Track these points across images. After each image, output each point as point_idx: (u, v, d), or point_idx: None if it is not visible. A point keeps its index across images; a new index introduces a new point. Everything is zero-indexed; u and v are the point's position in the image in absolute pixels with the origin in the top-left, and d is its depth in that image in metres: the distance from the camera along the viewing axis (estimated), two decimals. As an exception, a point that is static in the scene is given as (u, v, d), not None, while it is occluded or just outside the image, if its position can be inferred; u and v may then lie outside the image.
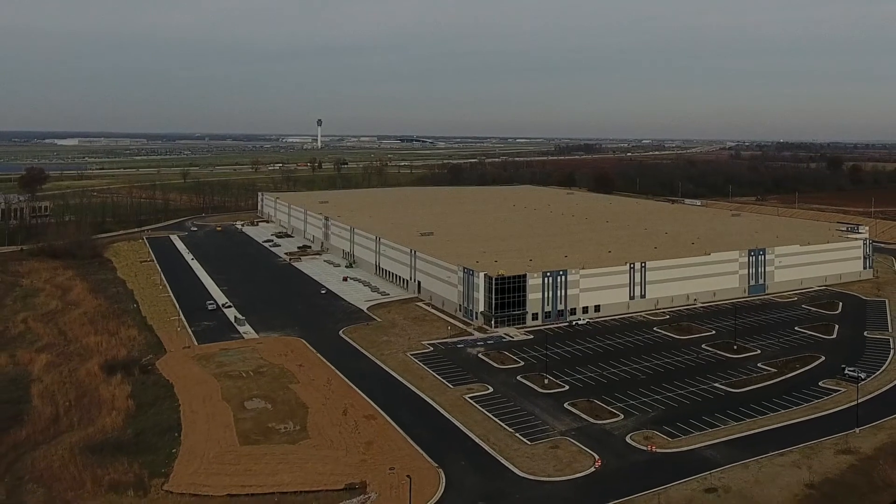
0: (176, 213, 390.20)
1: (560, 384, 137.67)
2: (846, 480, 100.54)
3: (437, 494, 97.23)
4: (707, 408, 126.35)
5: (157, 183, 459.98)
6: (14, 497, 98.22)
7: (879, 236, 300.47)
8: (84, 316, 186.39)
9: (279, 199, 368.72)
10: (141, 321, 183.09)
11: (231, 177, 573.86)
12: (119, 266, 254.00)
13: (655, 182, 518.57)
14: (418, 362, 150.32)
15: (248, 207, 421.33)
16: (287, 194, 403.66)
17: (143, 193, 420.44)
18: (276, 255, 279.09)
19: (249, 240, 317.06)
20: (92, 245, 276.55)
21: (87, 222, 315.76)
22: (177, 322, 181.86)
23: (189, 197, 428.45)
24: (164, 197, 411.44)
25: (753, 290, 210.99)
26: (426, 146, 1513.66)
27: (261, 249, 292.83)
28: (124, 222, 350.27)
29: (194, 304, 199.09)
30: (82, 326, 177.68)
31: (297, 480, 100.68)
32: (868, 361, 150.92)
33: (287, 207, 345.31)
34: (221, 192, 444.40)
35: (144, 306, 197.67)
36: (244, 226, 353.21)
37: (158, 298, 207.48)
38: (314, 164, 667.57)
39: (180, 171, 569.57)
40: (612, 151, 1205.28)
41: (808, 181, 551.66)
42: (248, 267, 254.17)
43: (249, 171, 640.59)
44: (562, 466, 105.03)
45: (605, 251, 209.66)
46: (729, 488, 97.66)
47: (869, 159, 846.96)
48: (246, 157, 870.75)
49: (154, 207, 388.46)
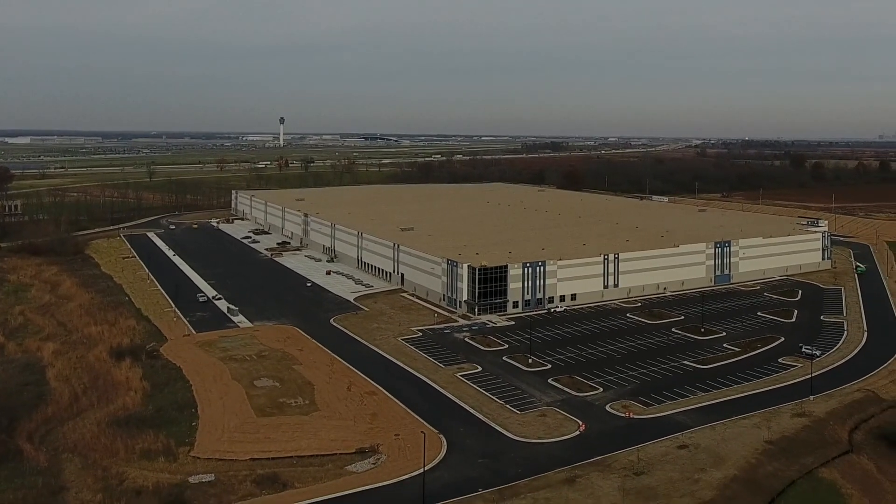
0: (149, 211, 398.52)
1: (543, 363, 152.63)
2: (800, 437, 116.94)
3: (441, 454, 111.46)
4: (678, 381, 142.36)
5: (131, 181, 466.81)
6: (53, 465, 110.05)
7: (838, 230, 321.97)
8: (80, 308, 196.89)
9: (255, 196, 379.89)
10: (136, 312, 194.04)
11: (201, 175, 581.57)
12: (102, 262, 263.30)
13: (624, 179, 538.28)
14: (410, 346, 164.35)
15: (221, 205, 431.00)
16: (262, 192, 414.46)
17: (116, 192, 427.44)
18: (257, 250, 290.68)
19: (228, 237, 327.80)
20: (73, 242, 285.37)
21: (63, 220, 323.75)
22: (171, 313, 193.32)
23: (161, 195, 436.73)
24: (137, 195, 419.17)
25: (719, 280, 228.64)
26: (391, 144, 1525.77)
27: (241, 246, 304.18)
28: (98, 220, 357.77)
29: (184, 297, 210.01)
30: (80, 318, 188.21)
31: (312, 446, 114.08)
32: (823, 341, 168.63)
33: (263, 205, 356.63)
34: (194, 191, 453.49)
35: (136, 299, 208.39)
36: (220, 223, 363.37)
37: (148, 292, 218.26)
38: (282, 162, 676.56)
39: (145, 169, 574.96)
40: (580, 149, 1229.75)
41: (773, 178, 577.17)
42: (231, 262, 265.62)
43: (215, 170, 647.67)
44: (550, 431, 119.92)
45: (580, 244, 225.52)
46: (698, 445, 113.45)
47: (831, 157, 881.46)
48: (209, 156, 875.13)
49: (127, 206, 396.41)
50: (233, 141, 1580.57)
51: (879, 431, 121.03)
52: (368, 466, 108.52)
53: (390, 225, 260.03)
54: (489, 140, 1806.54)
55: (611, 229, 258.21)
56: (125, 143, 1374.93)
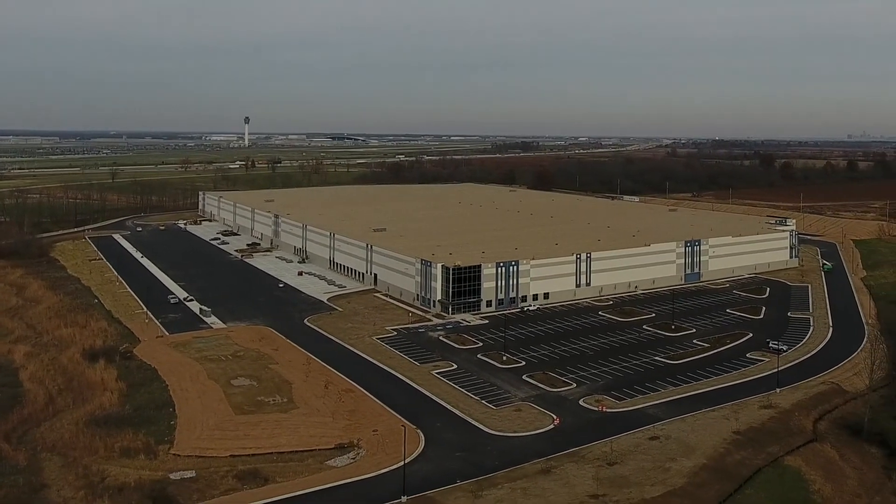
0: (114, 212, 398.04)
1: (517, 360, 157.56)
2: (767, 428, 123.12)
3: (420, 448, 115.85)
4: (649, 376, 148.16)
5: (94, 183, 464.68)
6: (33, 464, 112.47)
7: (807, 229, 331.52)
8: (49, 310, 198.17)
9: (223, 197, 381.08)
10: (107, 314, 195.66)
11: (167, 176, 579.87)
12: (68, 265, 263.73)
13: (595, 179, 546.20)
14: (385, 345, 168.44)
15: (188, 207, 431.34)
16: (231, 193, 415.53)
17: (80, 194, 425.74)
18: (227, 252, 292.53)
19: (196, 238, 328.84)
20: (38, 244, 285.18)
21: (26, 222, 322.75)
22: (143, 315, 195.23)
23: (127, 197, 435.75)
24: (101, 197, 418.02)
25: (689, 278, 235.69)
26: (358, 144, 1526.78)
27: (210, 247, 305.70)
28: (62, 222, 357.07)
29: (155, 299, 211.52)
30: (50, 320, 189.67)
31: (292, 442, 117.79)
32: (790, 336, 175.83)
33: (232, 206, 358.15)
34: (160, 192, 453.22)
35: (106, 301, 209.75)
36: (188, 225, 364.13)
37: (118, 294, 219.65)
38: (248, 162, 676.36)
39: (108, 170, 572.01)
40: (550, 149, 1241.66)
41: (742, 178, 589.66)
42: (201, 264, 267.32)
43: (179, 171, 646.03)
44: (525, 424, 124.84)
45: (553, 243, 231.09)
46: (669, 436, 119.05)
47: (800, 157, 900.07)
48: (172, 156, 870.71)
49: (91, 207, 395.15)
50: (196, 141, 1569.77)
51: (842, 421, 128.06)
52: (348, 461, 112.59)
53: (362, 226, 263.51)
54: (458, 140, 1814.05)
55: (582, 229, 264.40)
56: (84, 144, 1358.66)
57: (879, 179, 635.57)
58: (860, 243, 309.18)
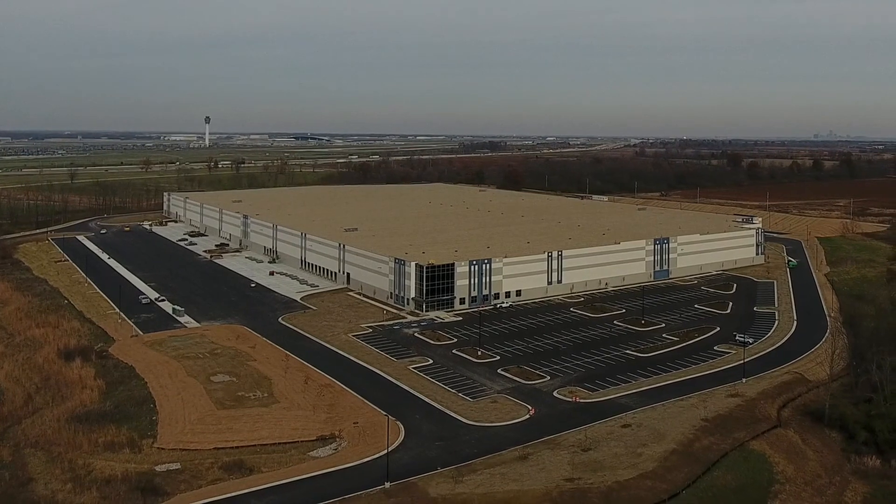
0: (76, 214, 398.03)
1: (492, 355, 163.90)
2: (734, 415, 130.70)
3: (400, 438, 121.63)
4: (621, 369, 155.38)
5: (55, 184, 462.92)
6: (17, 459, 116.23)
7: (773, 227, 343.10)
8: (19, 311, 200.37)
9: (189, 198, 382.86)
10: (79, 315, 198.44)
11: (128, 177, 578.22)
12: (33, 266, 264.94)
13: (564, 179, 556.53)
14: (361, 341, 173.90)
15: (151, 207, 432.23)
16: (197, 194, 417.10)
17: (40, 195, 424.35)
18: (195, 252, 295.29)
19: (162, 239, 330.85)
20: (1, 246, 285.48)
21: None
22: (115, 315, 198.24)
23: (88, 198, 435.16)
24: (63, 198, 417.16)
25: (658, 275, 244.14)
26: (322, 144, 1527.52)
27: (177, 248, 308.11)
28: (23, 224, 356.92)
29: (126, 300, 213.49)
30: (20, 321, 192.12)
31: (274, 434, 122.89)
32: (756, 330, 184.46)
33: (199, 207, 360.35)
34: (122, 193, 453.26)
35: (76, 302, 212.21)
36: (153, 226, 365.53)
37: (87, 295, 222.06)
38: (211, 163, 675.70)
39: (67, 171, 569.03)
40: (518, 149, 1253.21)
41: (710, 177, 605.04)
42: (170, 264, 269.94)
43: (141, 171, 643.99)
44: (502, 415, 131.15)
45: (524, 242, 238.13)
46: (640, 424, 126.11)
47: (767, 156, 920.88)
48: (131, 157, 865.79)
49: (52, 209, 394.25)
50: (154, 141, 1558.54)
51: (805, 408, 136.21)
52: (330, 452, 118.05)
53: (333, 226, 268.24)
54: (425, 139, 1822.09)
55: (553, 228, 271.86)
56: (38, 144, 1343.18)
57: (844, 178, 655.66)
58: (825, 241, 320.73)
